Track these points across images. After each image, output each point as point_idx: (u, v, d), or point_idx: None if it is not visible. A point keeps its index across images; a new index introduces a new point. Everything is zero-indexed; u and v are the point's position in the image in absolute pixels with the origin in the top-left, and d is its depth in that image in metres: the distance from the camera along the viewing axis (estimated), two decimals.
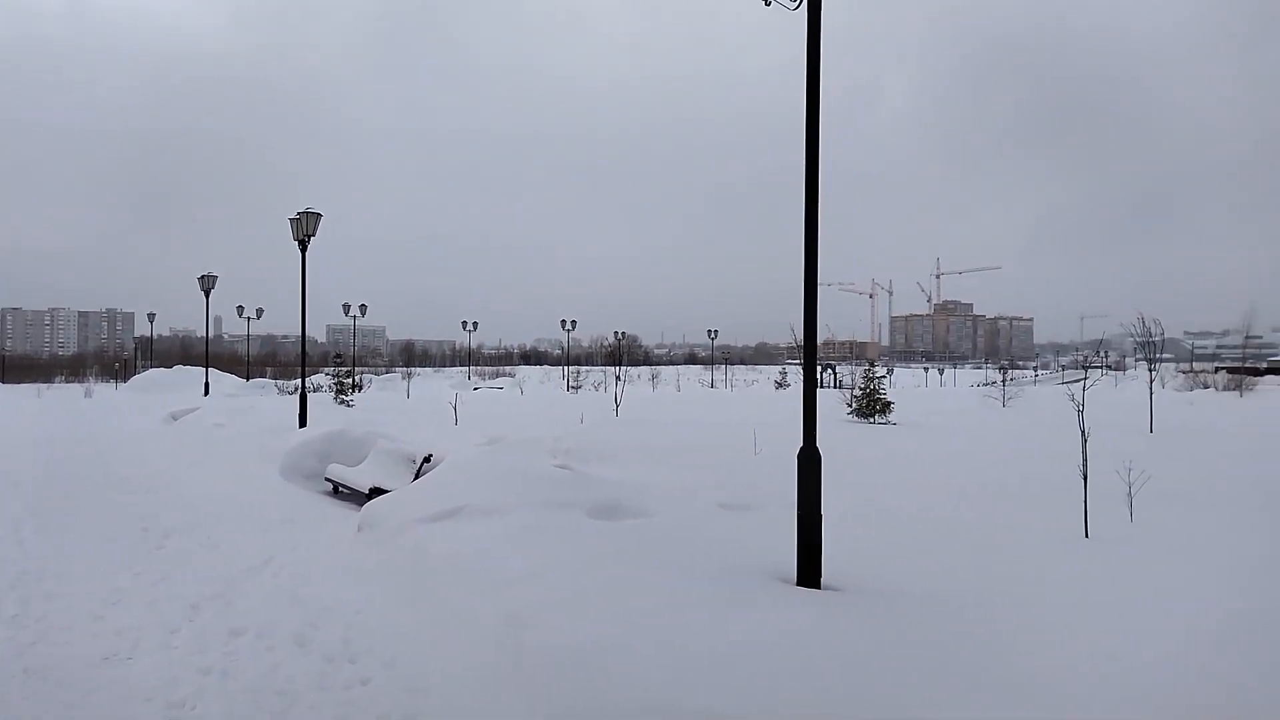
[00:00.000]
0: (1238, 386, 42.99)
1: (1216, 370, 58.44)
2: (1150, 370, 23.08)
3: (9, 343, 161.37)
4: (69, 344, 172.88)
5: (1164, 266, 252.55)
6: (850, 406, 25.32)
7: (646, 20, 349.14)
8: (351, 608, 6.52)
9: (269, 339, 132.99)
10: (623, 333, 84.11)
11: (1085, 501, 8.29)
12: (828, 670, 4.43)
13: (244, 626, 6.16)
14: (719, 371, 79.19)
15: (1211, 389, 44.88)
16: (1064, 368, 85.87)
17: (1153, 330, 22.24)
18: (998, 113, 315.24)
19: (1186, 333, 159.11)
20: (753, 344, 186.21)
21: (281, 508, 10.70)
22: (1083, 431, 8.62)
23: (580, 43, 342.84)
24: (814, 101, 6.48)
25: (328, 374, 38.82)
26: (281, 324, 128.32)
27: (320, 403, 27.69)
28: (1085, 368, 21.32)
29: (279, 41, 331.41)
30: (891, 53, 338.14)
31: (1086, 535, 8.01)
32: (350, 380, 33.76)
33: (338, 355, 43.61)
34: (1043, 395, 38.15)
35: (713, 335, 79.68)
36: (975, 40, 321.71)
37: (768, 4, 6.92)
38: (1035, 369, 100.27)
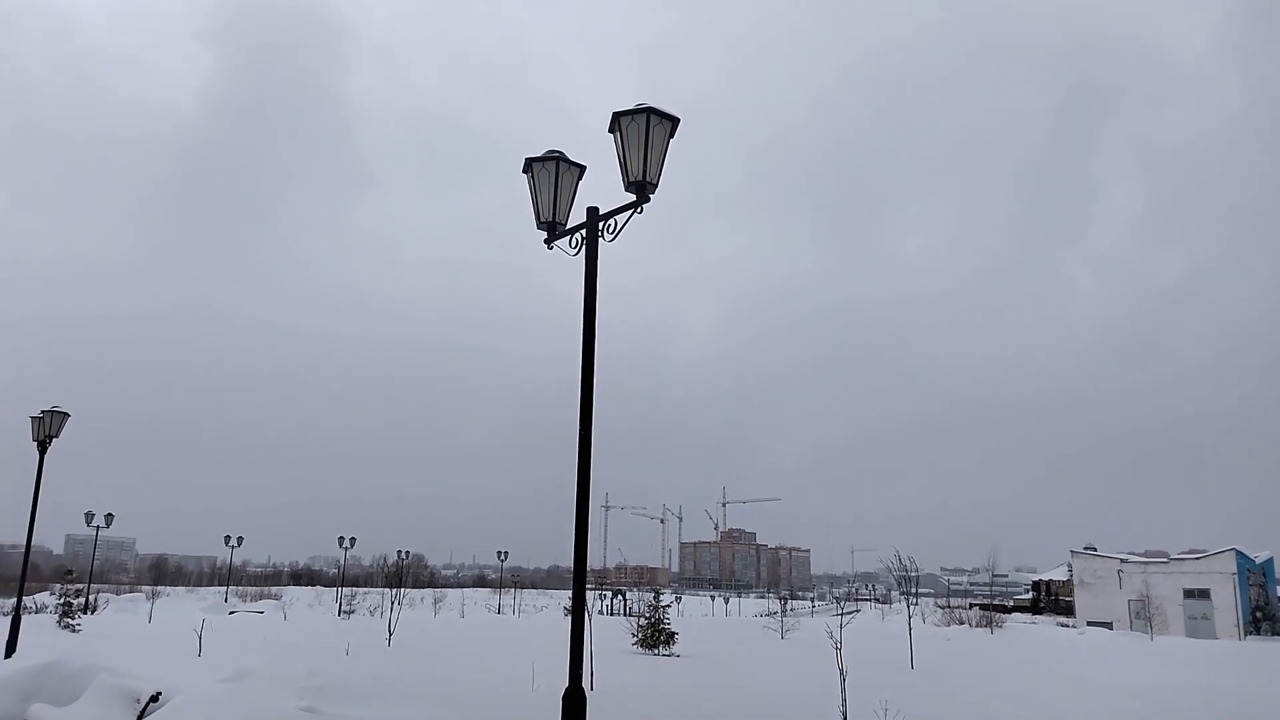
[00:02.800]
0: (989, 623, 46.23)
1: (970, 606, 62.75)
2: (909, 605, 24.46)
3: None
4: None
5: (923, 505, 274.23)
6: (635, 636, 24.96)
7: (454, 242, 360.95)
8: None
9: None
10: (407, 552, 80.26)
11: None
12: None
13: None
14: (508, 596, 76.49)
15: (966, 625, 47.95)
16: (838, 599, 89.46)
17: (909, 566, 23.78)
18: (784, 352, 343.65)
19: (943, 568, 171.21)
20: (545, 567, 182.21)
21: None
22: (841, 670, 8.86)
23: (394, 261, 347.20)
24: (590, 336, 6.80)
25: (54, 592, 34.15)
26: (9, 530, 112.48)
27: (40, 626, 24.22)
28: (841, 600, 22.26)
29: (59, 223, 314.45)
30: (694, 291, 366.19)
31: None
32: (81, 600, 29.84)
33: (69, 571, 38.60)
34: (818, 626, 39.29)
35: (502, 557, 77.42)
36: (763, 283, 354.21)
37: (550, 248, 7.37)
38: (812, 599, 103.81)
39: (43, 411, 17.25)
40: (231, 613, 45.66)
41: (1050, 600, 69.50)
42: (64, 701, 11.54)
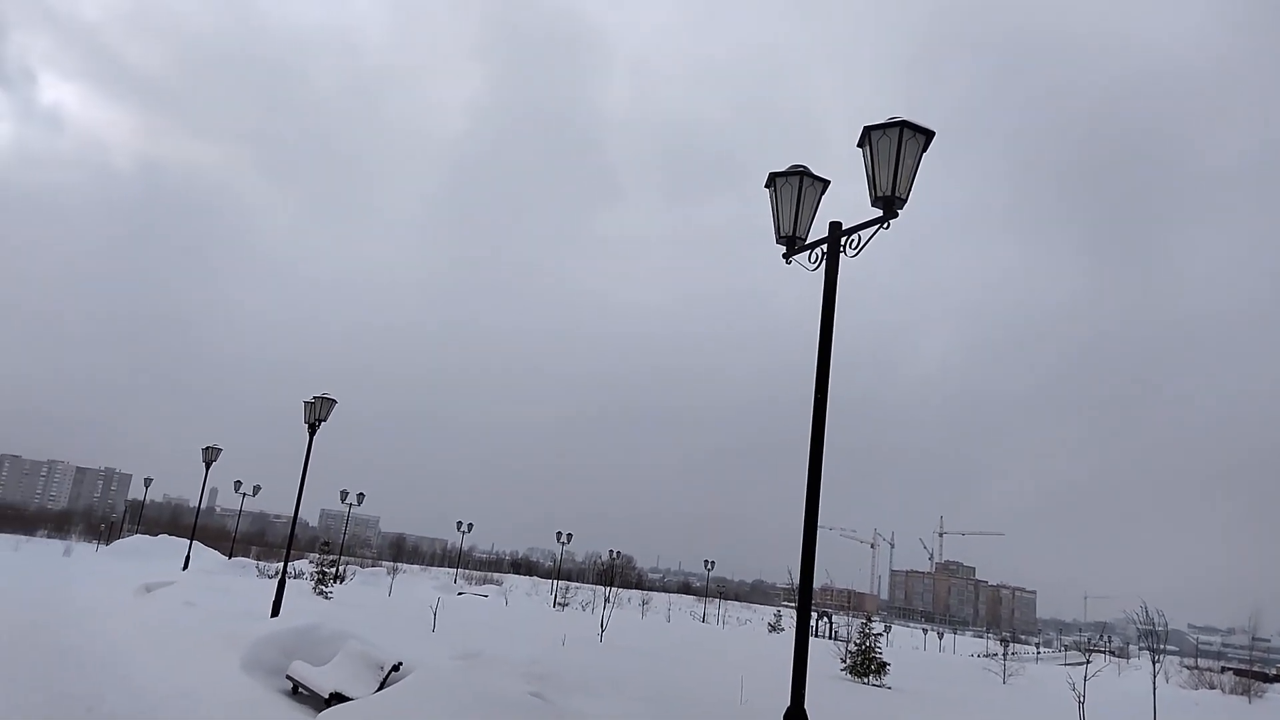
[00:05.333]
0: (1246, 690, 40.98)
1: (1223, 670, 56.05)
2: (1154, 662, 22.18)
3: (1, 490, 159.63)
4: (60, 498, 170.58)
5: (1172, 554, 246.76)
6: (844, 662, 24.29)
7: (689, 253, 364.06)
8: None
9: (260, 516, 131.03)
10: (618, 552, 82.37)
11: None
12: None
13: None
14: (712, 605, 76.83)
15: (1218, 690, 42.79)
16: (1066, 648, 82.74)
17: (1156, 620, 21.59)
18: (1025, 378, 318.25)
19: (1191, 626, 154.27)
20: (750, 580, 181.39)
21: (235, 704, 10.11)
22: None
23: (631, 270, 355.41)
24: (825, 353, 6.72)
25: (311, 561, 37.92)
26: (275, 502, 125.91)
27: (298, 591, 26.89)
28: (1087, 651, 20.52)
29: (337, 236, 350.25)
30: (933, 311, 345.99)
31: None
32: (333, 571, 32.97)
33: (325, 543, 42.75)
34: (1044, 675, 36.53)
35: (709, 566, 77.86)
36: (1010, 303, 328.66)
37: (788, 262, 7.33)
38: (1038, 645, 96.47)
39: (314, 397, 19.25)
40: (460, 594, 48.72)
41: None
42: (319, 661, 12.79)
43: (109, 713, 8.91)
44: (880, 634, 26.58)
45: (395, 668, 11.10)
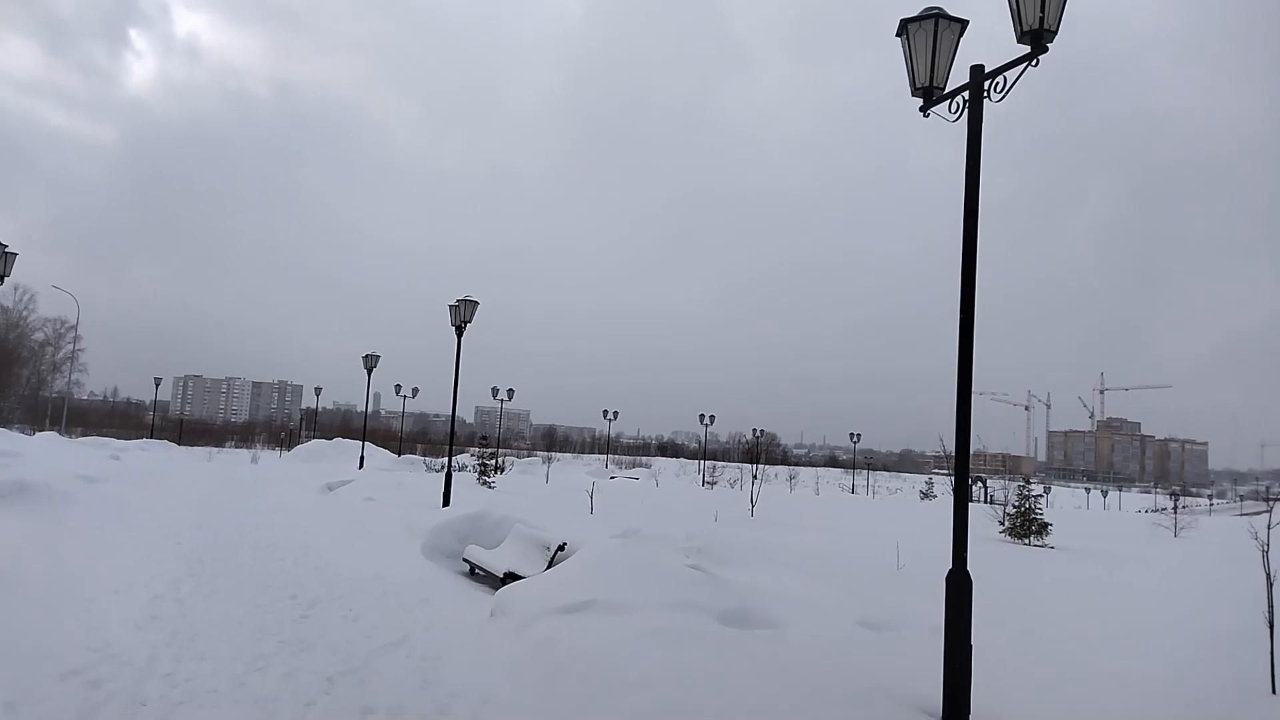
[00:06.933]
0: None
1: None
2: None
3: (188, 408, 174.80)
4: (241, 412, 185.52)
5: None
6: (1002, 525, 24.00)
7: (816, 120, 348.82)
8: (479, 696, 6.52)
9: (421, 417, 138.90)
10: (761, 430, 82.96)
11: (1272, 653, 7.44)
12: None
13: (374, 705, 6.25)
14: (860, 477, 76.91)
15: None
16: (1242, 498, 78.72)
17: None
18: (1195, 227, 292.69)
19: None
20: (897, 450, 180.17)
21: (420, 586, 10.94)
22: (1268, 573, 7.78)
23: (754, 141, 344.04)
24: (973, 210, 6.35)
25: (472, 454, 40.05)
26: (433, 403, 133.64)
27: (463, 482, 28.52)
28: (1268, 499, 19.36)
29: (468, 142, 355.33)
30: (1090, 154, 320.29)
31: (1275, 690, 7.17)
32: (493, 462, 34.72)
33: (483, 437, 44.98)
34: (1219, 527, 35.05)
35: (855, 439, 77.51)
36: (1180, 143, 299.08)
37: (926, 115, 6.90)
38: (1210, 497, 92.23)
39: (458, 300, 19.91)
40: (612, 478, 50.73)
41: None
42: (490, 545, 13.65)
43: (309, 599, 9.80)
44: (1039, 495, 26.01)
45: (561, 547, 11.72)
